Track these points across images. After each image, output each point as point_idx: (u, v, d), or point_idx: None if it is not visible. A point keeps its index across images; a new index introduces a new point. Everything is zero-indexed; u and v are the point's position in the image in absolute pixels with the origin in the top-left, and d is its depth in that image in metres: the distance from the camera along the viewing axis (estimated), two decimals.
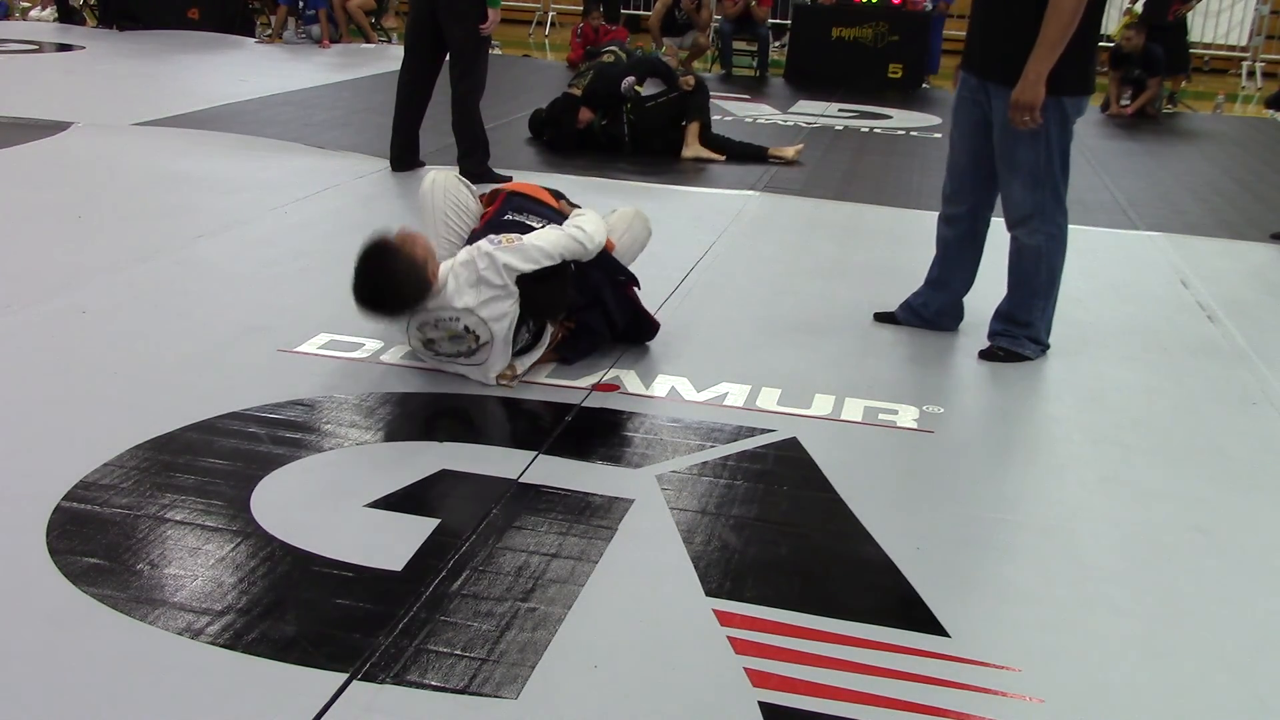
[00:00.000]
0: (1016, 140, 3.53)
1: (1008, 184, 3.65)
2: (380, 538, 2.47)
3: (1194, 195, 6.77)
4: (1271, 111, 9.68)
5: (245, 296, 3.98)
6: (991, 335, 3.81)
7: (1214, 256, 5.32)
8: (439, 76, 6.06)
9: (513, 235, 3.25)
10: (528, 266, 3.19)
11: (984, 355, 3.77)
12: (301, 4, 11.68)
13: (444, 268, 3.20)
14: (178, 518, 2.51)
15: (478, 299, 3.14)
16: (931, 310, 3.99)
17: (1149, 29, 10.02)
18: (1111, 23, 13.11)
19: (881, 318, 4.08)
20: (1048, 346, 3.81)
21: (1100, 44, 3.96)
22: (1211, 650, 2.25)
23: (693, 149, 6.90)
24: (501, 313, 3.15)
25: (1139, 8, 11.43)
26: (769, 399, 3.32)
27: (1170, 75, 10.25)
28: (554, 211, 3.62)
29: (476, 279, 3.15)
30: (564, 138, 6.97)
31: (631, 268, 3.67)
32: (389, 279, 3.08)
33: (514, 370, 3.27)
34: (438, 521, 2.54)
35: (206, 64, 10.08)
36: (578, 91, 7.00)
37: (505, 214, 3.53)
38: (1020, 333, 3.76)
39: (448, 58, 5.95)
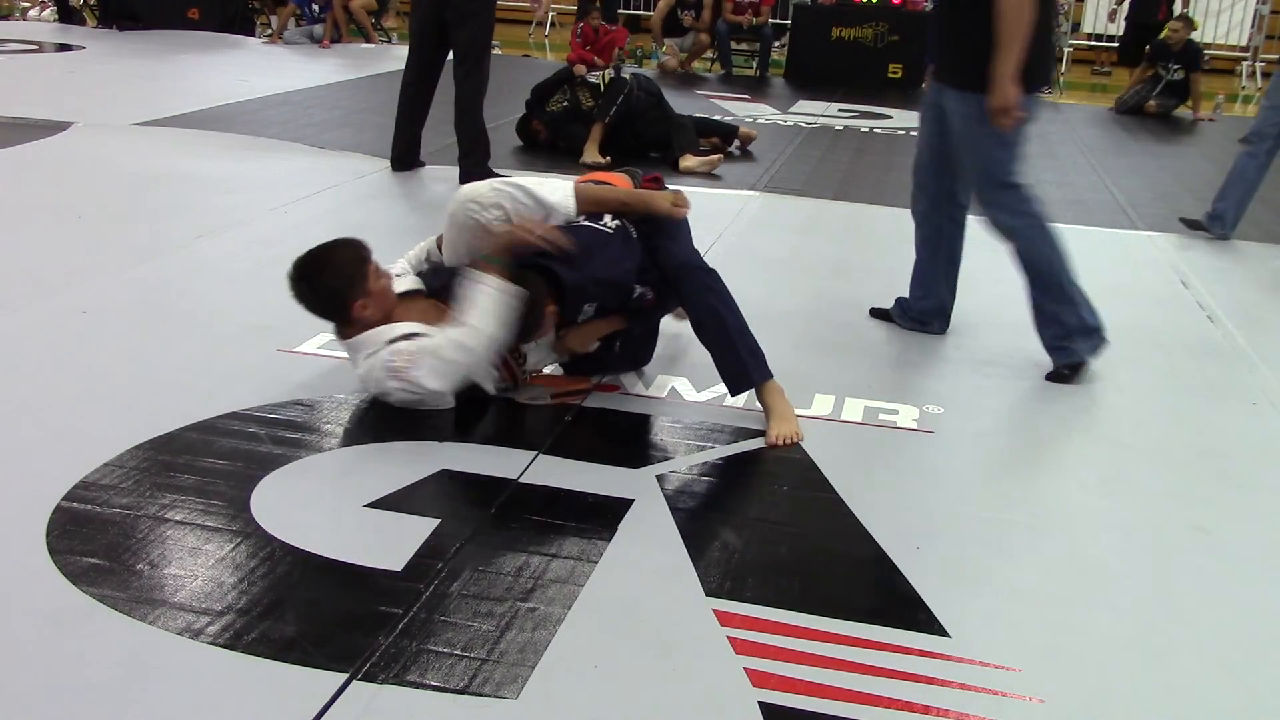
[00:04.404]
0: (971, 142, 3.56)
1: (968, 184, 3.72)
2: (380, 538, 2.47)
3: (1194, 195, 6.76)
4: None
5: (245, 296, 3.98)
6: (1049, 350, 3.67)
7: (1214, 256, 5.32)
8: (441, 76, 6.07)
9: (407, 352, 2.97)
10: (398, 396, 3.01)
11: (1050, 377, 3.62)
12: (316, 7, 11.68)
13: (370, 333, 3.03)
14: (178, 518, 2.51)
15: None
16: (915, 311, 4.02)
17: (1136, 28, 10.02)
18: (1102, 21, 13.17)
19: (876, 314, 4.11)
20: (1096, 329, 3.62)
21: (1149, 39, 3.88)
22: (1211, 650, 2.25)
23: (587, 153, 6.77)
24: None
25: (1125, 7, 11.42)
26: None
27: None
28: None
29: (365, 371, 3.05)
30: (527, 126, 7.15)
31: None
32: (319, 268, 3.06)
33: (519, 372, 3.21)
34: (438, 521, 2.54)
35: (206, 64, 10.08)
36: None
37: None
38: (1058, 337, 3.63)
39: (449, 57, 5.96)
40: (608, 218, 3.24)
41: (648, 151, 6.94)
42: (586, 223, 3.20)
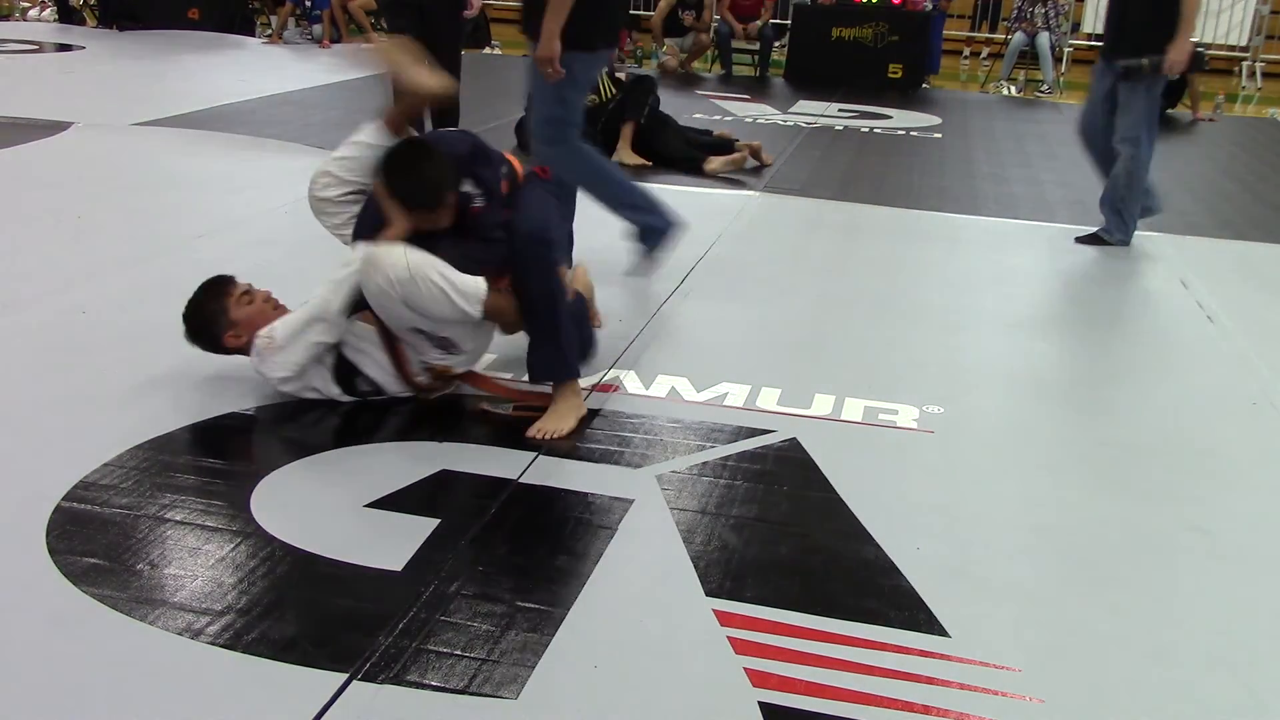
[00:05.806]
0: (535, 88, 4.24)
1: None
2: (380, 538, 2.47)
3: (1194, 195, 6.77)
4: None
5: None
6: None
7: (1214, 256, 5.32)
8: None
9: (266, 334, 3.04)
10: (280, 374, 3.04)
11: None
12: (309, 4, 11.70)
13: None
14: (178, 518, 2.51)
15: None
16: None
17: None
18: (1101, 22, 13.07)
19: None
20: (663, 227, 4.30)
21: None
22: (1211, 650, 2.25)
23: (621, 154, 6.76)
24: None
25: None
26: (769, 399, 3.32)
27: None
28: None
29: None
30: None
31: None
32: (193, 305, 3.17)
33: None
34: (438, 521, 2.54)
35: (206, 64, 10.08)
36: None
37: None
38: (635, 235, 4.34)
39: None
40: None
41: (643, 152, 6.93)
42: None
